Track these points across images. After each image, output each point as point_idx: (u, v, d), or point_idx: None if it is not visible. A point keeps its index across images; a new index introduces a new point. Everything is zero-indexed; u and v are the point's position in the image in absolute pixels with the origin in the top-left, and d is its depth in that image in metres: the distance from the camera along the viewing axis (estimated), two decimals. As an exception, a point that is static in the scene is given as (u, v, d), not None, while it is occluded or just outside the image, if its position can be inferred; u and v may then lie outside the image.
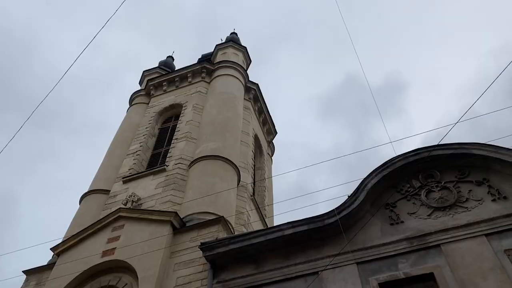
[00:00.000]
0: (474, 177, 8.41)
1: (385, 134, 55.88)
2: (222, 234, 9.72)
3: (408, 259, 7.56)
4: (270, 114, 20.01)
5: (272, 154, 21.02)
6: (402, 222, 8.22)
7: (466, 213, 7.83)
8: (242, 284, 8.34)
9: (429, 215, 8.10)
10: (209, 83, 17.52)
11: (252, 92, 18.44)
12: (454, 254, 7.25)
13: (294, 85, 66.22)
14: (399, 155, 8.89)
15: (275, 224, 11.22)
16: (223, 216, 10.25)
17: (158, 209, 11.19)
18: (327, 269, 7.87)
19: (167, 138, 15.50)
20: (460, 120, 7.02)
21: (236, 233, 10.67)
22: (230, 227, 10.40)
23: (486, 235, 7.33)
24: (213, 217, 10.41)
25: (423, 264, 7.36)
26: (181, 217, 10.58)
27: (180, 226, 10.33)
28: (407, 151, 8.95)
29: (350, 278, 7.61)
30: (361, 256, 7.89)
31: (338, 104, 60.84)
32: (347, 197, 8.72)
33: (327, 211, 8.54)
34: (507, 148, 8.06)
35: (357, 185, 8.78)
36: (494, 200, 7.87)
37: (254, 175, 16.39)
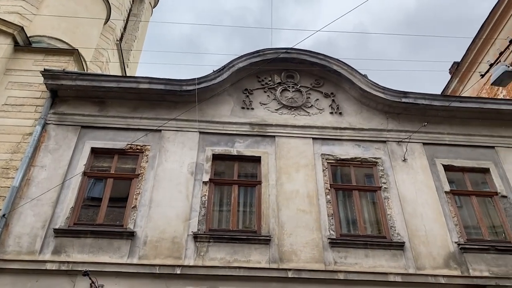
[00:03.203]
0: (325, 89, 9.29)
1: (293, 16, 55.26)
2: (72, 67, 9.00)
3: (245, 140, 8.31)
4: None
5: (155, 5, 19.34)
6: (252, 109, 8.80)
7: (306, 117, 8.77)
8: (80, 122, 8.11)
9: (276, 110, 8.83)
10: None
11: None
12: (282, 147, 8.24)
13: None
14: (272, 48, 9.13)
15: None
16: (78, 49, 9.37)
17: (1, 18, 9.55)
18: (170, 130, 8.16)
19: None
20: (322, 30, 7.37)
21: (88, 71, 10.00)
22: (84, 63, 9.65)
23: (313, 138, 8.43)
24: (66, 47, 9.46)
25: (255, 148, 8.22)
26: (28, 36, 9.31)
27: (25, 44, 9.14)
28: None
29: (189, 143, 8.07)
30: (206, 128, 8.34)
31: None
32: (212, 71, 8.82)
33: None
34: (360, 73, 8.99)
35: (225, 63, 8.88)
36: (331, 113, 8.92)
37: (127, 20, 15.04)
